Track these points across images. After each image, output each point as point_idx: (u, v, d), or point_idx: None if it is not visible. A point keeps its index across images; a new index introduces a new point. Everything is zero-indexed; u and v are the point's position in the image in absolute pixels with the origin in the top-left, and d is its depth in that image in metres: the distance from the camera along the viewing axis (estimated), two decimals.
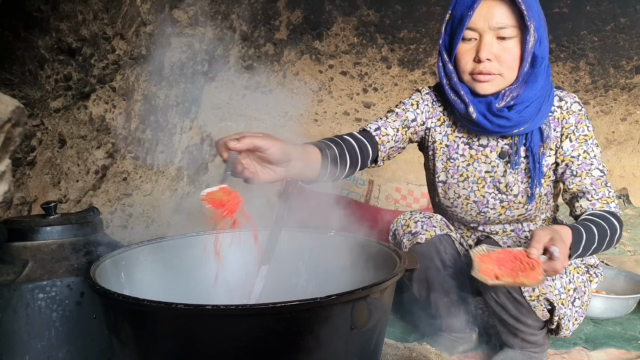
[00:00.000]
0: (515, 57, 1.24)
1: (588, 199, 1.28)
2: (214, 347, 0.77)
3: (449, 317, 1.51)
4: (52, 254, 1.12)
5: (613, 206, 1.27)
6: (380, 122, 1.38)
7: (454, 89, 1.31)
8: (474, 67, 1.26)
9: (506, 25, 1.22)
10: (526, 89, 1.27)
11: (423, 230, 1.42)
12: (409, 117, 1.41)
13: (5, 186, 0.75)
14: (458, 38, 1.26)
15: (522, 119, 1.28)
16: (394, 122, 1.38)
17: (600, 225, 1.20)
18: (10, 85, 1.49)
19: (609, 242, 1.22)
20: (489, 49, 1.23)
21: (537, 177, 1.34)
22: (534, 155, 1.33)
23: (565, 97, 1.35)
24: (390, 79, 3.27)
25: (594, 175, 1.30)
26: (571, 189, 1.31)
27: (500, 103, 1.27)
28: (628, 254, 2.57)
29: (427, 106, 1.43)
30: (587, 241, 1.15)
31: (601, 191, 1.28)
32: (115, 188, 2.17)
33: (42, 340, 1.08)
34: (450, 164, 1.42)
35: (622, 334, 1.71)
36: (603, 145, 3.35)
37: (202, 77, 2.74)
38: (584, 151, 1.31)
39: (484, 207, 1.42)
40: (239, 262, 1.21)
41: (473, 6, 1.22)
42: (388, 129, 1.37)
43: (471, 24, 1.24)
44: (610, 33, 3.05)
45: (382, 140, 1.35)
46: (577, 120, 1.33)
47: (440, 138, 1.43)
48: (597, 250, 1.20)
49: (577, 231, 1.14)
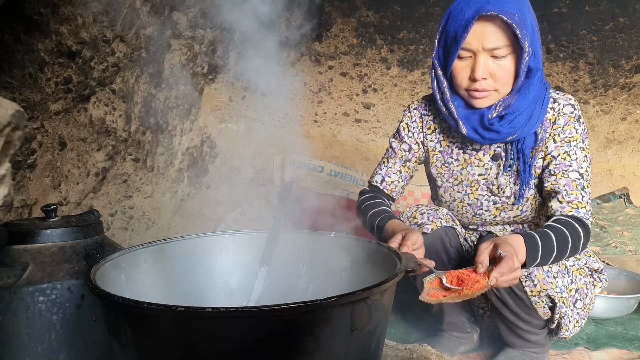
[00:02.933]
0: (510, 73, 1.25)
1: (558, 200, 1.28)
2: (214, 350, 0.77)
3: (451, 314, 1.51)
4: (53, 257, 1.12)
5: (583, 212, 1.26)
6: (383, 170, 1.51)
7: (446, 105, 1.34)
8: (469, 84, 1.28)
9: (500, 46, 1.22)
10: (518, 99, 1.28)
11: (429, 221, 1.42)
12: (404, 149, 1.49)
13: (5, 190, 0.76)
14: (453, 56, 1.26)
15: (512, 130, 1.29)
16: (395, 166, 1.50)
17: (560, 232, 1.19)
18: (11, 88, 1.49)
19: (571, 249, 1.21)
20: (484, 68, 1.24)
21: (526, 179, 1.34)
22: (525, 157, 1.33)
23: (559, 99, 1.35)
24: (389, 80, 3.28)
25: (570, 177, 1.29)
26: (546, 188, 1.31)
27: (492, 113, 1.28)
28: (629, 253, 2.57)
29: (415, 122, 1.49)
30: (545, 248, 1.15)
31: (573, 194, 1.27)
32: (115, 190, 2.18)
33: (43, 343, 1.08)
34: (445, 169, 1.45)
35: (624, 334, 1.70)
36: (603, 145, 3.35)
37: (202, 78, 2.75)
38: (564, 152, 1.31)
39: (478, 210, 1.43)
40: (238, 264, 1.21)
41: (467, 27, 1.22)
42: (392, 176, 1.50)
43: (465, 44, 1.24)
44: (610, 33, 3.05)
45: (390, 189, 1.50)
46: (565, 122, 1.32)
47: (433, 145, 1.47)
48: (559, 258, 1.20)
49: (530, 238, 1.15)
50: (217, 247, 1.21)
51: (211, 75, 2.82)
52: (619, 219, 2.99)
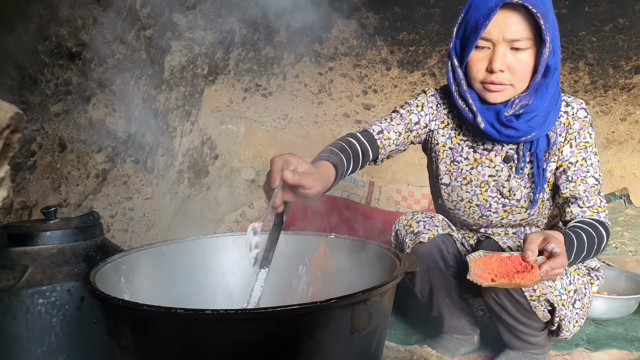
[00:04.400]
0: (528, 68, 1.23)
1: (579, 206, 1.28)
2: (213, 352, 0.77)
3: (451, 318, 1.51)
4: (52, 259, 1.12)
5: (603, 216, 1.26)
6: (383, 124, 1.38)
7: (463, 97, 1.30)
8: (485, 77, 1.25)
9: (521, 38, 1.19)
10: (536, 98, 1.25)
11: (425, 230, 1.42)
12: (412, 120, 1.41)
13: (5, 192, 0.76)
14: (471, 46, 1.23)
15: (529, 129, 1.27)
16: (397, 126, 1.38)
17: (589, 234, 1.19)
18: (11, 90, 1.49)
19: (596, 251, 1.21)
20: (503, 60, 1.21)
21: (540, 183, 1.33)
22: (539, 161, 1.32)
23: (572, 103, 1.34)
24: (390, 81, 3.28)
25: (588, 182, 1.29)
26: (564, 194, 1.31)
27: (508, 111, 1.26)
28: (629, 254, 2.57)
29: (431, 108, 1.43)
30: (578, 248, 1.15)
31: (593, 199, 1.27)
32: (115, 192, 2.17)
33: (42, 346, 1.08)
34: (454, 167, 1.42)
35: (624, 335, 1.70)
36: (603, 146, 3.35)
37: (202, 80, 2.75)
38: (582, 158, 1.31)
39: (486, 211, 1.42)
40: (238, 266, 1.20)
41: (490, 15, 1.18)
42: (391, 133, 1.37)
43: (485, 34, 1.21)
44: (609, 33, 3.05)
45: (383, 144, 1.36)
46: (580, 127, 1.32)
47: (443, 140, 1.43)
48: (585, 258, 1.19)
49: (568, 237, 1.14)
50: (217, 249, 1.21)
51: (211, 77, 2.82)
52: (619, 220, 2.99)
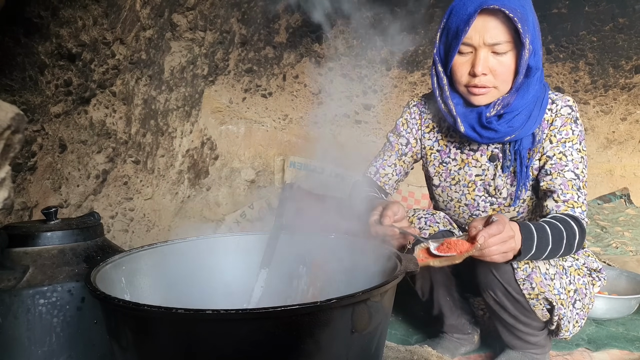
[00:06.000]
0: (510, 70, 1.25)
1: (554, 199, 1.27)
2: (214, 352, 0.77)
3: (451, 316, 1.51)
4: (53, 260, 1.12)
5: (578, 211, 1.25)
6: (378, 162, 1.50)
7: (445, 102, 1.33)
8: (469, 80, 1.27)
9: (500, 42, 1.22)
10: (517, 98, 1.27)
11: (426, 226, 1.42)
12: (402, 143, 1.49)
13: (5, 193, 0.76)
14: (454, 51, 1.26)
15: (510, 129, 1.29)
16: (390, 158, 1.50)
17: (555, 227, 1.17)
18: (11, 91, 1.49)
19: (567, 246, 1.19)
20: (484, 63, 1.24)
21: (522, 180, 1.34)
22: (522, 158, 1.33)
23: (557, 100, 1.34)
24: (389, 81, 3.28)
25: (566, 176, 1.28)
26: (542, 187, 1.31)
27: (491, 112, 1.28)
28: (630, 254, 2.57)
29: (414, 119, 1.50)
30: (540, 240, 1.14)
31: (569, 193, 1.27)
32: (116, 192, 2.18)
33: (43, 346, 1.08)
34: (443, 168, 1.45)
35: (625, 335, 1.70)
36: (603, 145, 3.35)
37: (202, 80, 2.75)
38: (559, 152, 1.31)
39: (475, 210, 1.43)
40: (239, 266, 1.21)
41: (469, 21, 1.21)
42: (386, 168, 1.49)
43: (467, 39, 1.24)
44: (609, 33, 3.05)
45: (383, 182, 1.49)
46: (562, 123, 1.32)
47: (430, 144, 1.47)
48: (554, 254, 1.18)
49: (526, 227, 1.13)
50: (217, 249, 1.21)
51: (211, 77, 2.83)
52: (620, 220, 2.99)
